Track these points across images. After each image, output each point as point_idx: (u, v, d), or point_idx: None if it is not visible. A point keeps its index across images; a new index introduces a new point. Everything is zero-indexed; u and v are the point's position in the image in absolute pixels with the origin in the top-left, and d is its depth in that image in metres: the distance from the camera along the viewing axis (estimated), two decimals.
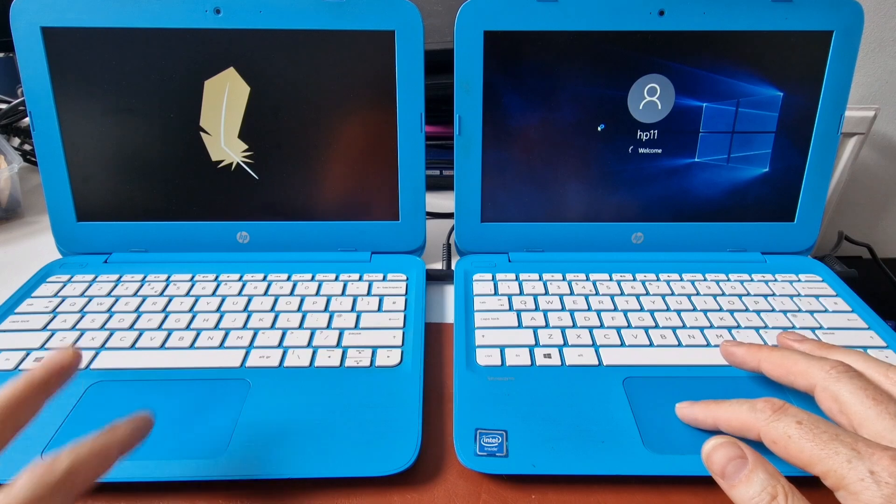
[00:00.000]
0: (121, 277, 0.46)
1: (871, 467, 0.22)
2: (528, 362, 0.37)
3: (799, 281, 0.46)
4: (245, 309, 0.42)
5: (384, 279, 0.46)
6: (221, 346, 0.39)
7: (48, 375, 0.25)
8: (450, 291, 0.48)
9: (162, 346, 0.38)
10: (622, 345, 0.39)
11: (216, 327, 0.40)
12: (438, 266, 0.50)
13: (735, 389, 0.35)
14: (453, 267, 0.48)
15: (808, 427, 0.24)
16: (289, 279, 0.46)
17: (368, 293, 0.44)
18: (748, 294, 0.44)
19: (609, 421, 0.33)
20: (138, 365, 0.37)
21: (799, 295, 0.44)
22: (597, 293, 0.44)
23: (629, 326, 0.41)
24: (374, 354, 0.38)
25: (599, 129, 0.46)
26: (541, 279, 0.46)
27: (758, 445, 0.26)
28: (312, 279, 0.46)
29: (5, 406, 0.23)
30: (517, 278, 0.46)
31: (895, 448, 0.22)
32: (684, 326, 0.41)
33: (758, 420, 0.26)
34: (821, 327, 0.41)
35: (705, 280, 0.46)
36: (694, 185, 0.48)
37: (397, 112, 0.46)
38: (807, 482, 0.24)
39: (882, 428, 0.24)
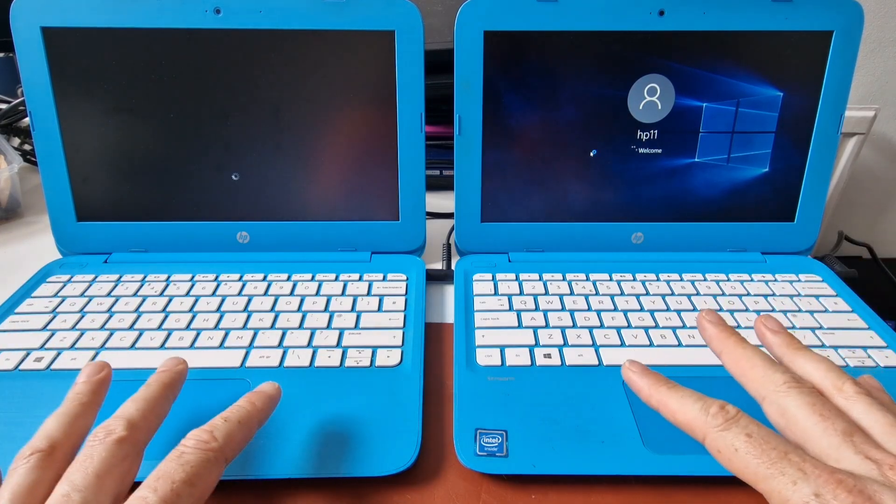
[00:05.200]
0: (121, 277, 0.46)
1: (816, 490, 0.21)
2: (528, 362, 0.37)
3: (799, 281, 0.46)
4: (245, 309, 0.42)
5: (384, 279, 0.46)
6: (221, 346, 0.39)
7: (172, 378, 0.30)
8: (450, 291, 0.48)
9: (162, 346, 0.38)
10: (622, 345, 0.39)
11: (216, 327, 0.40)
12: (438, 266, 0.50)
13: (737, 390, 0.35)
14: (453, 267, 0.48)
15: (758, 441, 0.23)
16: (289, 279, 0.46)
17: (368, 293, 0.44)
18: (748, 294, 0.44)
19: (609, 421, 0.33)
20: (138, 365, 0.37)
21: (799, 295, 0.44)
22: (597, 293, 0.44)
23: (629, 326, 0.41)
24: (374, 354, 0.38)
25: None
26: (541, 279, 0.46)
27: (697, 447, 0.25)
28: (312, 279, 0.46)
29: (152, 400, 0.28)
30: (517, 278, 0.46)
31: (843, 471, 0.21)
32: (684, 326, 0.41)
33: (707, 424, 0.25)
34: (821, 327, 0.41)
35: (705, 280, 0.46)
36: (694, 185, 0.48)
37: (397, 112, 0.46)
38: None
39: (827, 445, 0.23)
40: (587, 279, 0.46)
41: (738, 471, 0.23)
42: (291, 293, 0.44)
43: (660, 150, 0.47)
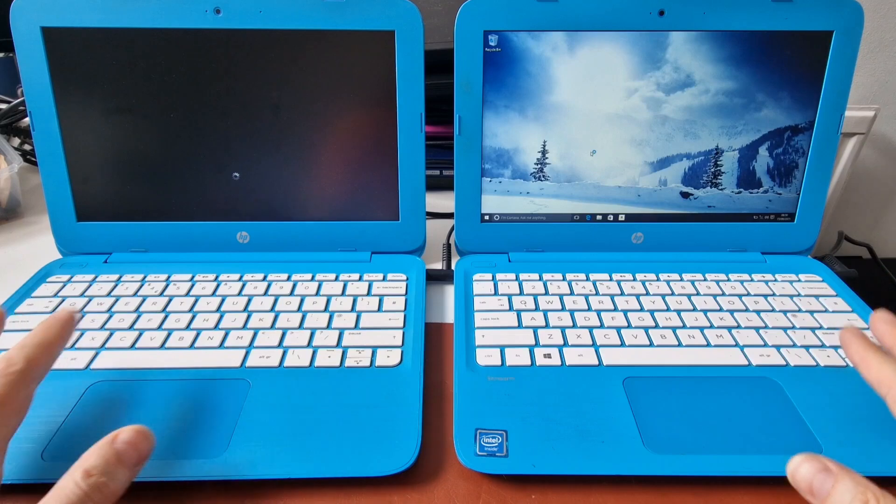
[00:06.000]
0: (121, 277, 0.46)
1: None
2: (528, 362, 0.37)
3: (799, 281, 0.46)
4: (245, 309, 0.42)
5: (384, 279, 0.46)
6: (221, 346, 0.39)
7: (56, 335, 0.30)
8: (450, 291, 0.48)
9: (162, 346, 0.38)
10: (622, 345, 0.39)
11: (216, 327, 0.40)
12: (438, 266, 0.50)
13: (737, 390, 0.35)
14: (453, 267, 0.48)
15: None
16: (289, 279, 0.46)
17: (368, 293, 0.44)
18: (748, 294, 0.44)
19: (609, 421, 0.33)
20: (138, 365, 0.37)
21: (799, 295, 0.44)
22: (597, 293, 0.44)
23: (629, 326, 0.41)
24: (374, 354, 0.38)
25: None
26: (541, 279, 0.46)
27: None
28: (312, 279, 0.46)
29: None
30: (517, 278, 0.46)
31: None
32: (684, 326, 0.41)
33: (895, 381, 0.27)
34: (821, 327, 0.41)
35: (705, 280, 0.46)
36: (693, 185, 0.48)
37: (397, 112, 0.46)
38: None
39: None
40: (587, 279, 0.46)
41: None
42: (291, 293, 0.44)
43: (660, 150, 0.47)
